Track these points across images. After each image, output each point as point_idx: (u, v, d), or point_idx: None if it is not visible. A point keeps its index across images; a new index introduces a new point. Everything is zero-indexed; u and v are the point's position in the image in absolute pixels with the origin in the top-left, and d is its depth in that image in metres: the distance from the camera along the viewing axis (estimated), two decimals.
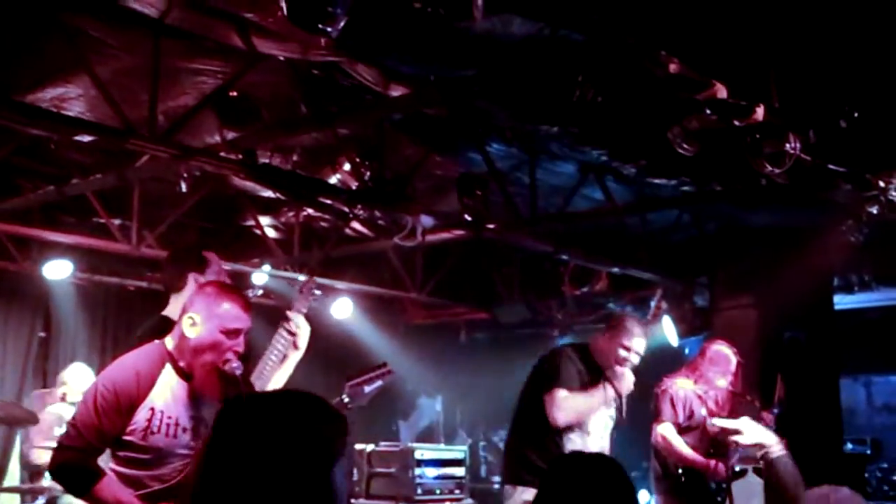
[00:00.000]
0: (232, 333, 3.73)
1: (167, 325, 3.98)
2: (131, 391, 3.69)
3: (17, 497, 6.74)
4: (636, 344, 5.59)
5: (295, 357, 4.45)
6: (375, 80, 5.51)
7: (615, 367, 5.56)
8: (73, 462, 3.68)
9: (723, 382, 6.49)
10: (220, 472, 1.96)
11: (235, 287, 4.00)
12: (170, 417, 3.74)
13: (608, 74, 5.05)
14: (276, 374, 4.37)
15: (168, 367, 3.78)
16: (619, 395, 5.62)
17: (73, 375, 7.41)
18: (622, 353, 5.56)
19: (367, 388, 4.24)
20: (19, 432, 7.47)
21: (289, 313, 4.42)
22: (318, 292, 4.54)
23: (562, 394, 5.39)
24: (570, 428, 5.44)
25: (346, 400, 4.17)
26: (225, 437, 2.01)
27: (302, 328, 4.43)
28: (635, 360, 5.61)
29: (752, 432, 4.91)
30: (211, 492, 1.96)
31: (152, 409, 3.71)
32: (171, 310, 4.31)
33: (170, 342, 3.83)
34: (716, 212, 7.98)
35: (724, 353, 6.56)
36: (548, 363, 5.61)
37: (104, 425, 3.65)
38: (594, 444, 5.52)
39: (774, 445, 4.20)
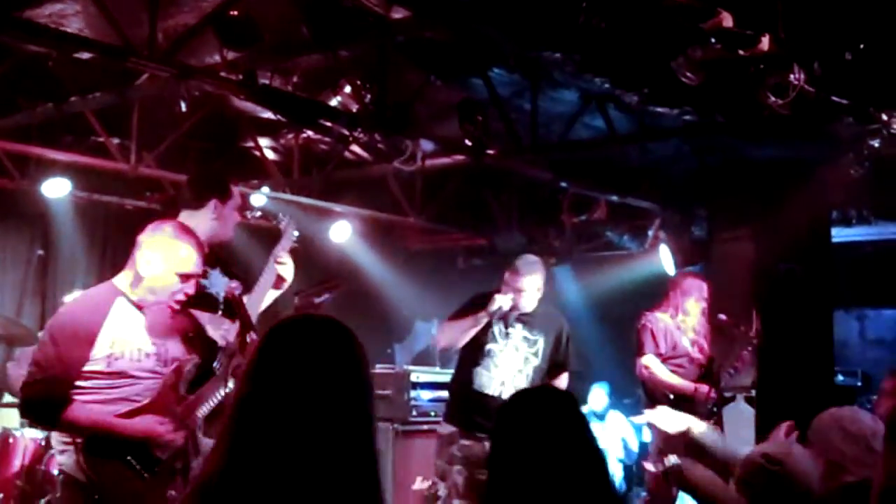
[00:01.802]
0: (185, 277, 3.85)
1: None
2: (87, 320, 3.75)
3: (16, 412, 6.77)
4: (522, 281, 5.89)
5: (277, 292, 4.56)
6: (378, 2, 5.45)
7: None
8: (39, 395, 3.69)
9: (696, 309, 6.62)
10: (266, 396, 2.03)
11: (192, 230, 4.02)
12: (131, 343, 3.80)
13: (613, 1, 4.99)
14: (262, 302, 4.44)
15: (121, 300, 3.84)
16: (499, 315, 5.88)
17: None
18: (504, 284, 5.95)
19: (317, 300, 4.40)
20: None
21: (278, 253, 4.50)
22: (296, 234, 4.62)
23: (444, 322, 6.13)
24: (477, 362, 5.93)
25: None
26: (274, 359, 2.06)
27: (287, 265, 4.52)
28: (521, 285, 5.88)
29: (672, 421, 4.93)
30: (258, 413, 2.00)
31: (111, 336, 3.76)
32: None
33: (121, 279, 3.89)
34: (717, 143, 7.95)
35: (696, 282, 6.73)
36: None
37: (64, 355, 3.67)
38: (504, 377, 5.92)
39: (695, 425, 4.30)
